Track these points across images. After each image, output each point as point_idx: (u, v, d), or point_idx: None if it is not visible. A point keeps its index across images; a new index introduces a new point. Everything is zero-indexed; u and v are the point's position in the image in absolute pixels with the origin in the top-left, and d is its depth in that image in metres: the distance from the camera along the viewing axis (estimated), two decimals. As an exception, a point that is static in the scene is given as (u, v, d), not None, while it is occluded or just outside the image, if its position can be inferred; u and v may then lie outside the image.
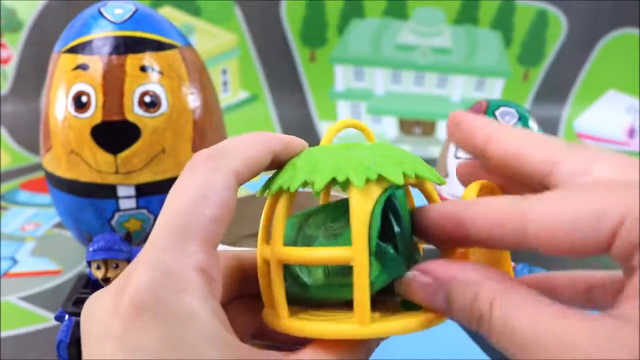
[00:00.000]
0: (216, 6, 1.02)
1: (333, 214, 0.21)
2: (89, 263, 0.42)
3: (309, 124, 1.06)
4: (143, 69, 0.50)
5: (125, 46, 0.50)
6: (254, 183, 0.23)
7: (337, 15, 1.04)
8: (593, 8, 1.03)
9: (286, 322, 0.20)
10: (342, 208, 0.21)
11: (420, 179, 0.21)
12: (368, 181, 0.19)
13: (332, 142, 0.23)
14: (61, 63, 0.51)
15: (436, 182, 0.21)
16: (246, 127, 0.94)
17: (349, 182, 0.19)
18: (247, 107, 1.06)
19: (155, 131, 0.50)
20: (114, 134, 0.49)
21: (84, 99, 0.49)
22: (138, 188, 0.51)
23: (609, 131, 1.05)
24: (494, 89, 1.07)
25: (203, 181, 0.19)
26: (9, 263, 0.61)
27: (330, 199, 0.25)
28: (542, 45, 1.05)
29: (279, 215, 0.20)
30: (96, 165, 0.50)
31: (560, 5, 1.03)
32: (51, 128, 0.51)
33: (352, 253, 0.18)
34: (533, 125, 0.55)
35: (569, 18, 1.04)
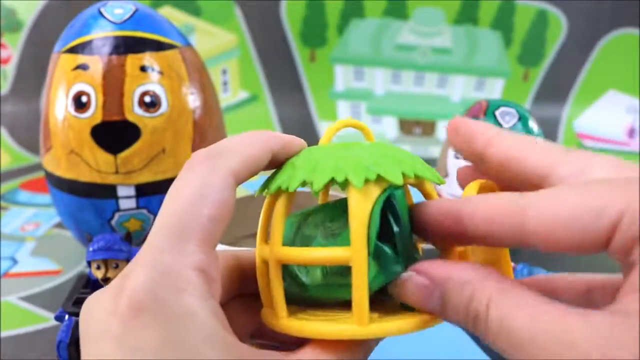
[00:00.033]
0: (216, 6, 1.02)
1: (332, 214, 0.21)
2: (89, 263, 0.42)
3: (309, 124, 1.06)
4: (143, 69, 0.50)
5: (125, 46, 0.50)
6: (253, 183, 0.23)
7: (337, 15, 1.04)
8: (593, 8, 1.03)
9: (285, 322, 0.20)
10: (341, 208, 0.21)
11: (419, 179, 0.21)
12: (367, 181, 0.19)
13: (331, 142, 0.23)
14: (61, 63, 0.51)
15: (435, 182, 0.21)
16: (246, 127, 0.94)
17: (348, 182, 0.19)
18: (247, 107, 1.06)
19: (155, 131, 0.50)
20: (114, 134, 0.49)
21: (84, 99, 0.49)
22: (138, 188, 0.51)
23: (609, 131, 1.05)
24: (494, 89, 1.07)
25: (201, 181, 0.19)
26: (9, 263, 0.61)
27: (329, 199, 0.25)
28: (542, 45, 1.05)
29: (278, 215, 0.20)
30: (96, 165, 0.50)
31: (560, 5, 1.03)
32: (51, 128, 0.51)
33: (351, 253, 0.18)
34: (533, 125, 0.55)
35: (569, 18, 1.04)
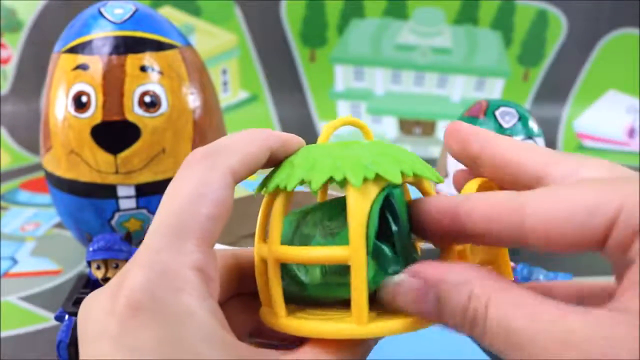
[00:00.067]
0: (216, 6, 1.02)
1: (330, 213, 0.21)
2: (89, 263, 0.42)
3: (309, 124, 1.06)
4: (143, 69, 0.50)
5: (125, 46, 0.50)
6: (253, 183, 0.23)
7: (337, 15, 1.04)
8: (593, 8, 1.03)
9: (284, 321, 0.20)
10: (339, 206, 0.21)
11: (418, 178, 0.20)
12: (365, 180, 0.19)
13: (330, 141, 0.23)
14: (61, 63, 0.51)
15: (434, 181, 0.21)
16: (246, 127, 0.92)
17: (347, 181, 0.19)
18: (247, 107, 1.06)
19: (155, 131, 0.50)
20: (114, 134, 0.49)
21: (84, 99, 0.49)
22: (138, 188, 0.51)
23: (609, 131, 1.05)
24: (494, 89, 1.07)
25: (199, 179, 0.19)
26: (9, 263, 0.61)
27: (327, 197, 0.25)
28: (542, 45, 1.05)
29: (276, 214, 0.20)
30: (96, 165, 0.50)
31: (560, 5, 1.03)
32: (51, 128, 0.51)
33: (350, 252, 0.18)
34: (533, 125, 0.55)
35: (569, 18, 1.04)
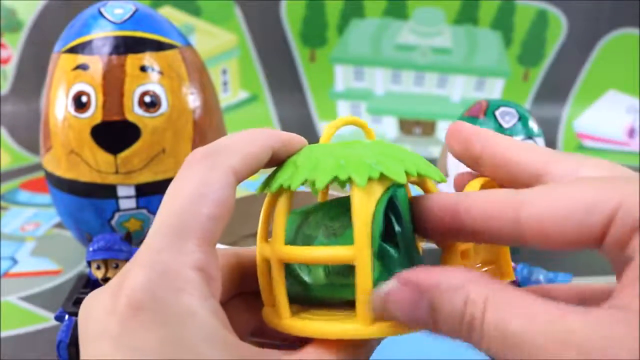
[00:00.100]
0: (216, 6, 1.02)
1: (332, 213, 0.21)
2: (89, 263, 0.42)
3: (309, 124, 1.06)
4: (143, 69, 0.50)
5: (125, 46, 0.50)
6: (253, 182, 0.23)
7: (337, 15, 1.04)
8: (593, 8, 1.03)
9: (288, 322, 0.20)
10: (341, 206, 0.21)
11: (421, 177, 0.20)
12: (370, 180, 0.19)
13: (331, 140, 0.23)
14: (61, 63, 0.51)
15: (438, 180, 0.21)
16: (246, 127, 0.92)
17: (351, 181, 0.19)
18: (247, 107, 1.06)
19: (155, 131, 0.50)
20: (114, 134, 0.49)
21: (84, 99, 0.49)
22: (138, 188, 0.51)
23: (609, 131, 1.05)
24: (494, 89, 1.07)
25: (200, 179, 0.19)
26: (9, 263, 0.61)
27: (328, 197, 0.25)
28: (542, 45, 1.05)
29: (280, 213, 0.20)
30: (96, 165, 0.50)
31: (560, 5, 1.03)
32: (51, 128, 0.51)
33: (354, 252, 0.18)
34: (533, 125, 0.55)
35: (569, 18, 1.04)
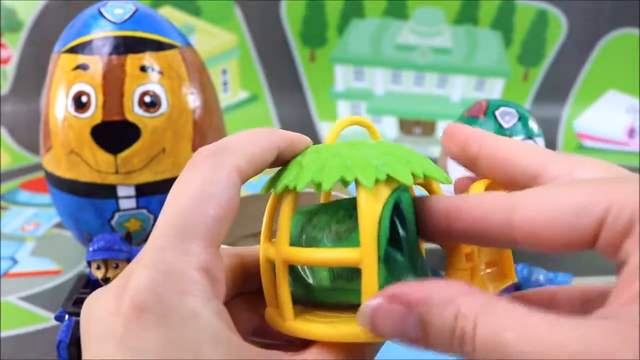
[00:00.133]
0: (216, 6, 1.02)
1: (337, 216, 0.21)
2: (89, 263, 0.42)
3: (309, 124, 1.06)
4: (143, 69, 0.50)
5: (125, 46, 0.50)
6: (252, 183, 0.23)
7: (337, 15, 1.04)
8: (593, 8, 1.03)
9: (291, 324, 0.20)
10: (345, 209, 0.21)
11: (427, 179, 0.20)
12: (377, 182, 0.19)
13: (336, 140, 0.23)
14: (61, 63, 0.51)
15: (443, 182, 0.21)
16: (246, 127, 0.92)
17: (358, 183, 0.19)
18: (247, 107, 1.06)
19: (155, 131, 0.50)
20: (114, 134, 0.49)
21: (84, 99, 0.49)
22: (138, 188, 0.51)
23: (609, 131, 1.05)
24: (494, 89, 1.07)
25: (205, 179, 0.19)
26: (9, 263, 0.61)
27: (331, 198, 0.25)
28: (542, 45, 1.05)
29: (285, 215, 0.20)
30: (96, 165, 0.50)
31: (560, 5, 1.03)
32: (51, 128, 0.51)
33: (361, 255, 0.18)
34: (533, 125, 0.55)
35: (569, 18, 1.04)
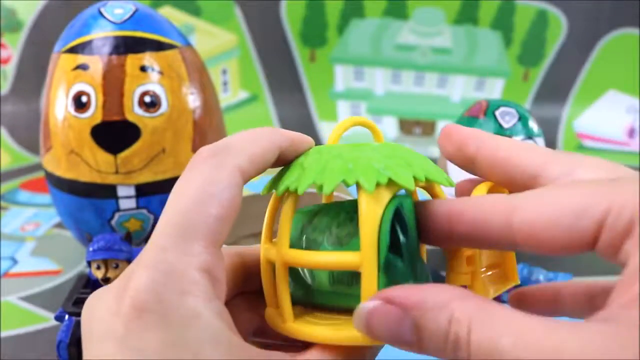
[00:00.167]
0: (216, 6, 1.02)
1: (337, 219, 0.21)
2: (89, 263, 0.42)
3: (309, 124, 1.06)
4: (143, 69, 0.50)
5: (125, 46, 0.50)
6: (253, 183, 0.23)
7: (337, 15, 1.04)
8: (593, 8, 1.03)
9: (291, 326, 0.20)
10: (348, 211, 0.21)
11: (430, 182, 0.20)
12: (378, 185, 0.18)
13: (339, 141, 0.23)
14: (61, 63, 0.51)
15: (446, 185, 0.21)
16: (246, 127, 0.93)
17: (359, 186, 0.19)
18: (247, 107, 1.06)
19: (155, 131, 0.50)
20: (114, 134, 0.49)
21: (84, 99, 0.49)
22: (138, 188, 0.51)
23: (609, 131, 1.05)
24: (494, 89, 1.07)
25: (206, 179, 0.19)
26: (9, 263, 0.61)
27: (333, 198, 0.25)
28: (542, 45, 1.05)
29: (285, 217, 0.20)
30: (96, 165, 0.50)
31: (560, 5, 1.03)
32: (51, 128, 0.51)
33: (361, 258, 0.18)
34: (533, 125, 0.55)
35: (569, 18, 1.04)
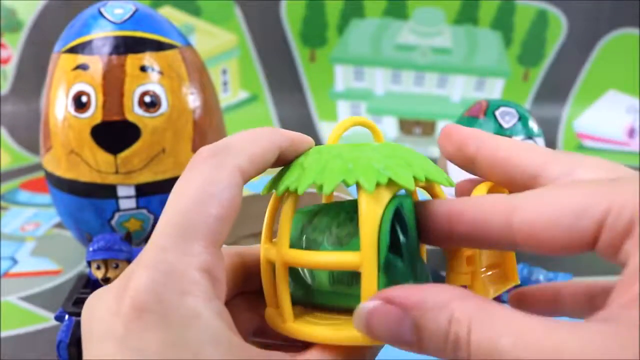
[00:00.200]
0: (216, 6, 1.02)
1: (338, 219, 0.21)
2: (89, 263, 0.42)
3: (309, 124, 1.06)
4: (143, 69, 0.50)
5: (125, 46, 0.50)
6: (253, 182, 0.23)
7: (337, 15, 1.04)
8: (593, 8, 1.03)
9: (291, 326, 0.20)
10: (348, 211, 0.21)
11: (430, 182, 0.20)
12: (378, 185, 0.18)
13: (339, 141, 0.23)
14: (61, 63, 0.51)
15: (446, 185, 0.21)
16: (246, 127, 0.92)
17: (359, 186, 0.19)
18: (247, 107, 1.06)
19: (155, 131, 0.50)
20: (114, 134, 0.49)
21: (84, 99, 0.49)
22: (138, 188, 0.51)
23: (609, 131, 1.05)
24: (494, 89, 1.07)
25: (206, 179, 0.19)
26: (9, 263, 0.61)
27: (333, 198, 0.25)
28: (542, 45, 1.05)
29: (285, 217, 0.20)
30: (96, 165, 0.50)
31: (560, 5, 1.03)
32: (51, 128, 0.51)
33: (361, 258, 0.18)
34: (533, 125, 0.55)
35: (569, 18, 1.04)
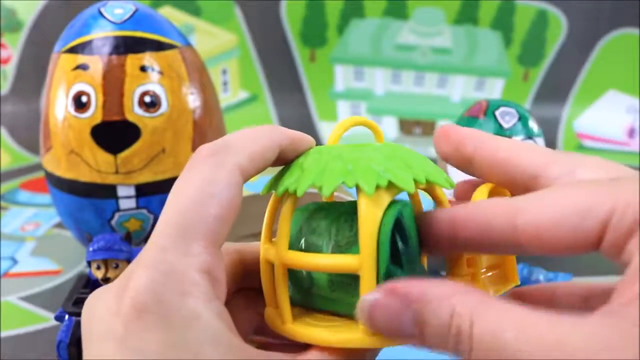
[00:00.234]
0: (216, 6, 1.02)
1: (338, 222, 0.21)
2: (89, 263, 0.42)
3: (309, 124, 1.06)
4: (143, 69, 0.50)
5: (125, 46, 0.50)
6: (250, 183, 0.23)
7: (337, 15, 1.04)
8: (593, 8, 1.03)
9: (290, 327, 0.20)
10: (348, 214, 0.20)
11: (430, 184, 0.20)
12: (378, 188, 0.18)
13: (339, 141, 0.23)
14: (61, 63, 0.51)
15: (447, 187, 0.21)
16: (246, 127, 0.93)
17: (359, 188, 0.18)
18: (247, 107, 1.06)
19: (155, 131, 0.50)
20: (114, 134, 0.49)
21: (84, 99, 0.49)
22: (138, 188, 0.51)
23: (609, 131, 1.05)
24: (494, 89, 1.07)
25: (206, 178, 0.19)
26: (9, 263, 0.61)
27: (333, 197, 0.25)
28: (542, 45, 1.05)
29: (285, 218, 0.20)
30: (96, 165, 0.50)
31: (560, 5, 1.03)
32: (51, 128, 0.51)
33: (360, 261, 0.18)
34: (533, 125, 0.55)
35: (569, 18, 1.04)
